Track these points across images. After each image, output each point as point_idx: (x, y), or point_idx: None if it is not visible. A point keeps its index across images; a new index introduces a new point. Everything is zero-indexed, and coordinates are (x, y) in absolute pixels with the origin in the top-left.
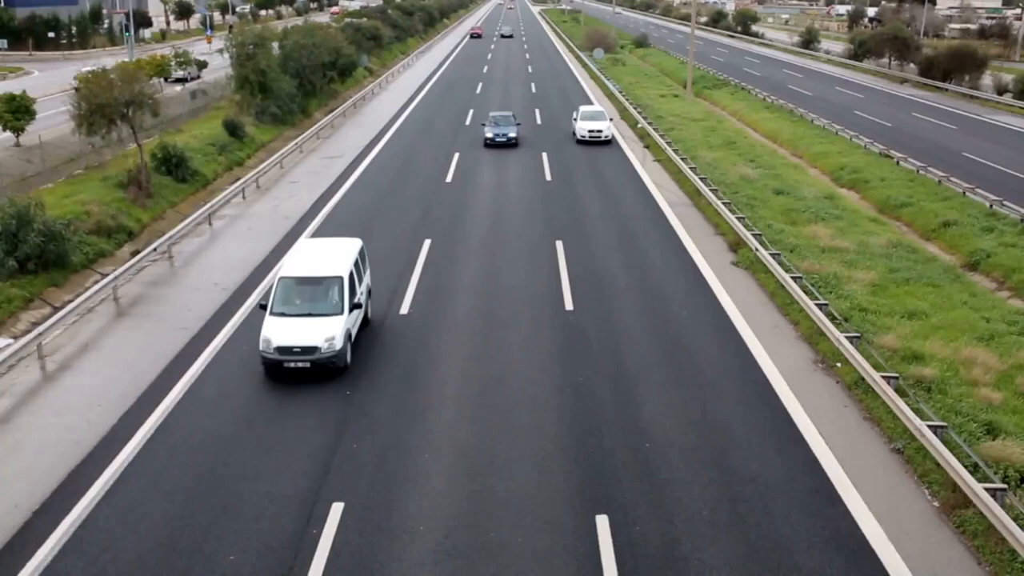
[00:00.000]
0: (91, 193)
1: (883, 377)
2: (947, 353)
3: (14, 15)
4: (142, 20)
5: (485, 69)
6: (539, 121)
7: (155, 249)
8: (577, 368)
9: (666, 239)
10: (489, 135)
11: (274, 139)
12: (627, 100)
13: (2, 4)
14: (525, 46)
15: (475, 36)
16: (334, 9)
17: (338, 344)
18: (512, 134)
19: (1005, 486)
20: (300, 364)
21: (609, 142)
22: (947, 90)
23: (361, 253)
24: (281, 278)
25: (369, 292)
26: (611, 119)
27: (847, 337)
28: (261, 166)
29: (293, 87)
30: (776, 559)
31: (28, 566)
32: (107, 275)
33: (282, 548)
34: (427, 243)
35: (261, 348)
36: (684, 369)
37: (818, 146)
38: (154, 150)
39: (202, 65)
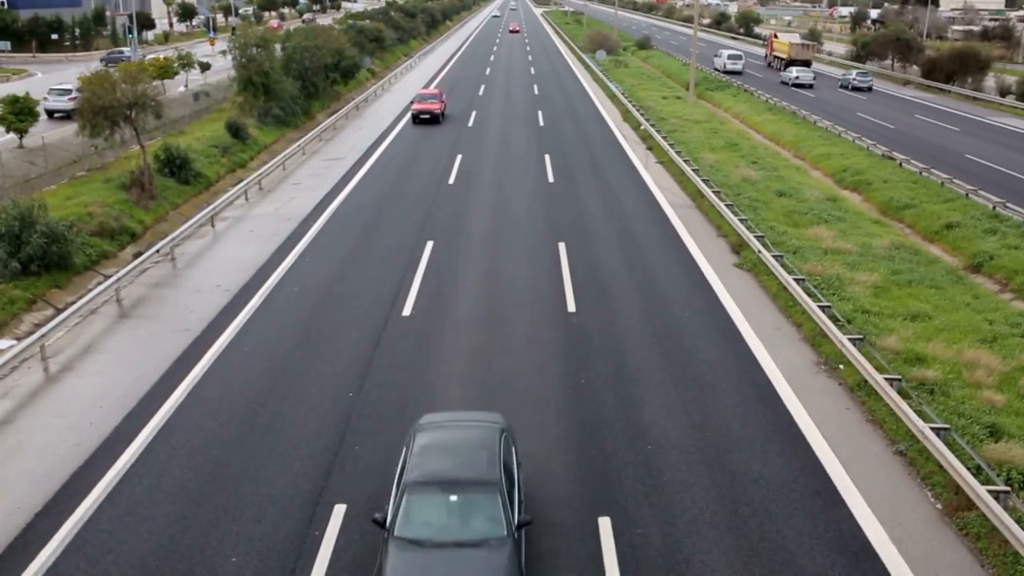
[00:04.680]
0: (94, 195)
1: (886, 379)
2: (950, 355)
3: (17, 17)
4: (145, 22)
5: (488, 71)
6: (541, 123)
7: (158, 251)
8: (579, 370)
9: (668, 241)
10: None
11: (276, 141)
12: (629, 102)
13: (5, 6)
14: (528, 47)
15: (421, 116)
16: (273, 24)
17: None
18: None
19: (1008, 488)
20: None
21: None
22: (950, 92)
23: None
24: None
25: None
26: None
27: (850, 339)
28: (263, 168)
29: (296, 89)
30: (778, 561)
31: (30, 568)
32: (110, 277)
33: (284, 550)
34: (430, 244)
35: None
36: (686, 371)
37: (820, 148)
38: (157, 152)
39: (205, 67)
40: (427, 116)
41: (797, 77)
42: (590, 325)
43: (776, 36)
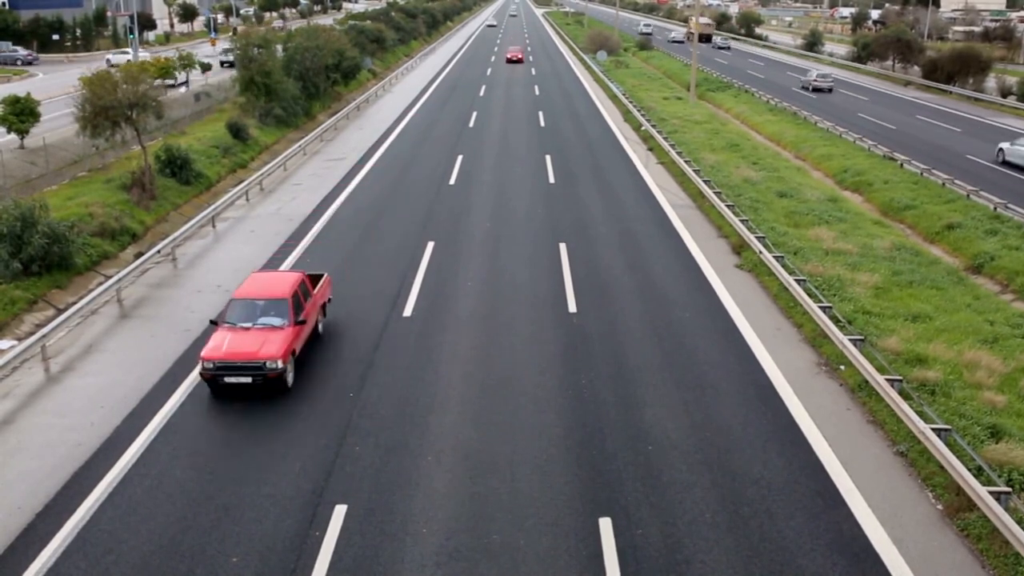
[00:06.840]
0: (95, 195)
1: (887, 380)
2: (951, 356)
3: (18, 17)
4: (146, 22)
5: (488, 72)
6: (542, 124)
7: (159, 251)
8: (580, 370)
9: (669, 241)
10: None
11: (277, 141)
12: (630, 103)
13: (6, 6)
14: (528, 49)
15: (226, 380)
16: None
17: None
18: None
19: (1009, 489)
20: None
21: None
22: (951, 92)
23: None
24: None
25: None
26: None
27: (850, 340)
28: (264, 168)
29: (297, 89)
30: (779, 562)
31: (31, 568)
32: (111, 277)
33: (284, 550)
34: (430, 245)
35: None
36: (687, 371)
37: (822, 148)
38: (158, 152)
39: (206, 68)
40: (240, 378)
41: (674, 37)
42: (591, 326)
43: (691, 19)
